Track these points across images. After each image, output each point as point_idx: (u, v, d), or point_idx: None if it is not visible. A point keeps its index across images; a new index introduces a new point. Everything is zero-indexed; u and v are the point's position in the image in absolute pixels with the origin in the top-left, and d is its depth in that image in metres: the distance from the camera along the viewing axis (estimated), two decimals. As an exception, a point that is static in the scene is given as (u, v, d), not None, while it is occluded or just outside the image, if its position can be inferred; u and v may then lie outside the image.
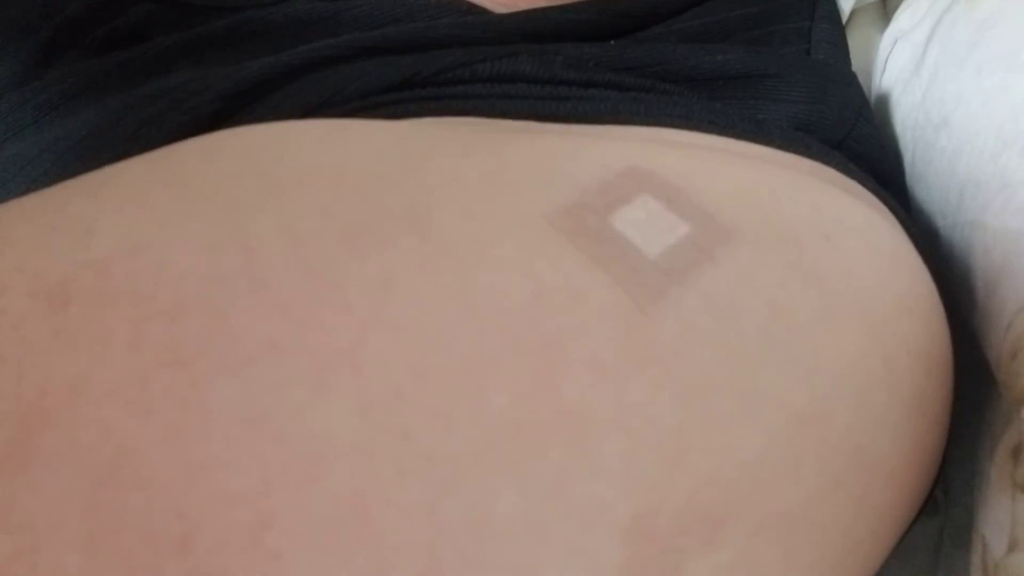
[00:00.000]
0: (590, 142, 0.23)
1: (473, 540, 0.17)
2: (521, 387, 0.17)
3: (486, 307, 0.18)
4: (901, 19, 0.35)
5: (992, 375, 0.25)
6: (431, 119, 0.25)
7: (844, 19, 0.35)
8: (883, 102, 0.34)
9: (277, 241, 0.18)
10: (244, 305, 0.17)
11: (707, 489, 0.18)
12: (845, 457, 0.20)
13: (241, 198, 0.19)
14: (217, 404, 0.16)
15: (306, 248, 0.18)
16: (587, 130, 0.25)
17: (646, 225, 0.20)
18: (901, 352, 0.21)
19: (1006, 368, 0.23)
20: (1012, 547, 0.22)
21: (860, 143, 0.29)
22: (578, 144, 0.23)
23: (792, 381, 0.19)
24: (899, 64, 0.34)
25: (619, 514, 0.17)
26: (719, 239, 0.20)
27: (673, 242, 0.20)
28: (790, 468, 0.19)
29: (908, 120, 0.32)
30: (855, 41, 0.37)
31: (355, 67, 0.27)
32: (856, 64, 0.34)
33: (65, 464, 0.16)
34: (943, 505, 0.31)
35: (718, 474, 0.18)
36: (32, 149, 0.33)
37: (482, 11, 0.32)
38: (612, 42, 0.30)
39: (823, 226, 0.22)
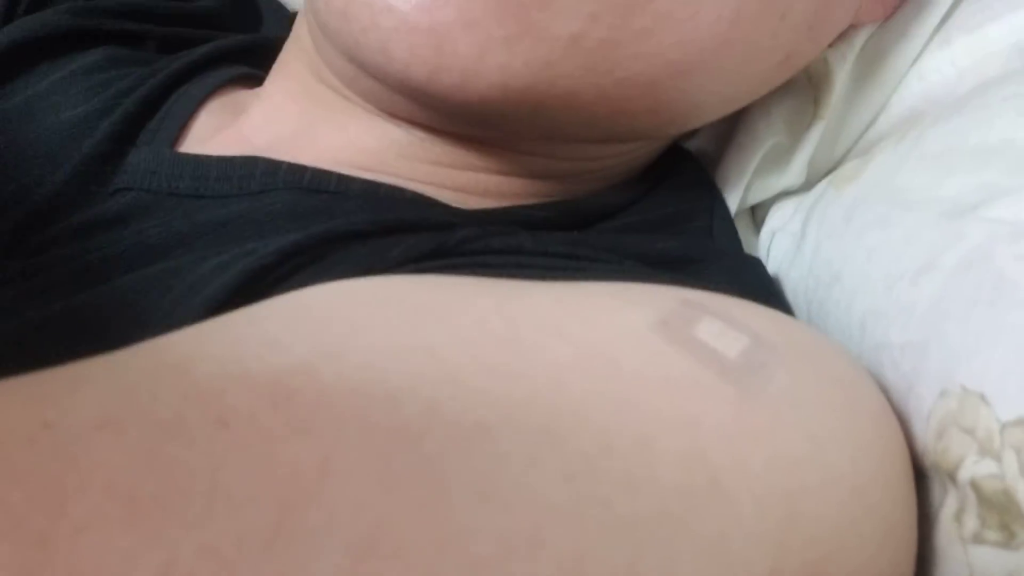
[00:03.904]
0: (629, 287, 0.28)
1: None
2: (679, 458, 0.20)
3: (638, 390, 0.22)
4: (773, 219, 0.43)
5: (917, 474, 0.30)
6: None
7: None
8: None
9: (456, 346, 0.21)
10: (450, 394, 0.20)
11: (812, 549, 0.21)
12: (884, 527, 0.24)
13: (399, 316, 0.22)
14: (451, 478, 0.18)
15: (483, 349, 0.21)
16: None
17: (719, 337, 0.24)
18: (897, 449, 0.27)
19: (934, 449, 0.28)
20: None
21: None
22: (622, 286, 0.27)
23: (847, 460, 0.24)
24: (781, 249, 0.41)
25: (759, 572, 0.20)
26: (770, 351, 0.25)
27: (742, 349, 0.24)
28: (857, 534, 0.23)
29: (799, 288, 0.38)
30: (736, 240, 0.44)
31: (386, 241, 0.30)
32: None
33: (327, 540, 0.17)
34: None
35: (817, 537, 0.22)
36: None
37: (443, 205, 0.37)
38: (575, 232, 0.36)
39: (817, 344, 0.28)
